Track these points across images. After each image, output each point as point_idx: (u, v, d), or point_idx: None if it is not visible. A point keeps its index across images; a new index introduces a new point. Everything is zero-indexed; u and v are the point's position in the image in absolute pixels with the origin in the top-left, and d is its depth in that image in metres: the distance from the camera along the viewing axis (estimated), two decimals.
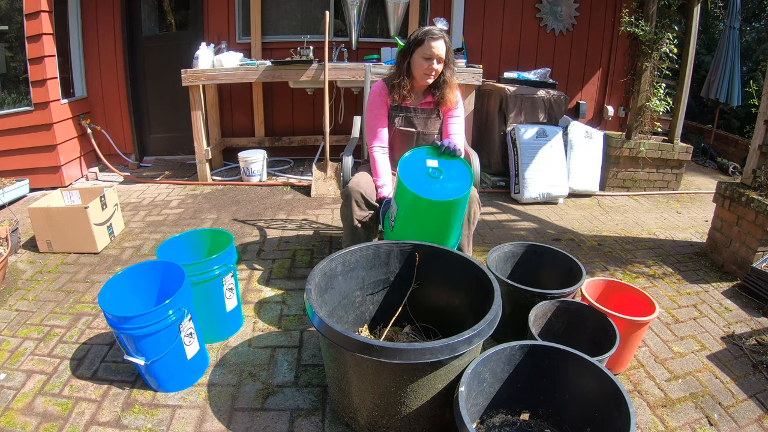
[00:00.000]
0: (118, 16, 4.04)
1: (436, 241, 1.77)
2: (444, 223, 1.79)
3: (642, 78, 3.80)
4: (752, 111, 2.93)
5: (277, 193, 3.69)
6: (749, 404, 1.66)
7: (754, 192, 2.55)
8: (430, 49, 1.93)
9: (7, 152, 3.56)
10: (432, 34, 1.93)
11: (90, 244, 2.60)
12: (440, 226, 1.80)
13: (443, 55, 1.96)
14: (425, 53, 1.94)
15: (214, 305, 1.82)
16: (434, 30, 1.94)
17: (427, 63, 1.96)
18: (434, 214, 1.75)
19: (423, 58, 1.96)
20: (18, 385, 1.64)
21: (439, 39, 1.93)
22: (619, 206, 3.72)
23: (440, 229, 1.81)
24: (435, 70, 1.98)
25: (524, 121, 3.85)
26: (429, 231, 1.79)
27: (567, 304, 1.75)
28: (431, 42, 1.92)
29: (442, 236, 1.82)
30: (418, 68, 1.98)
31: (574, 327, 1.75)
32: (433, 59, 1.95)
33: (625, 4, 4.10)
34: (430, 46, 1.93)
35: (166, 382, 1.60)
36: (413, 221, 1.79)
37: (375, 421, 1.38)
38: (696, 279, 2.55)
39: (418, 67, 1.98)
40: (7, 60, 3.65)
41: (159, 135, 4.54)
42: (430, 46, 1.93)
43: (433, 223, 1.79)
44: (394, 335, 1.75)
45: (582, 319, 1.73)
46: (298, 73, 3.64)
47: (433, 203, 1.70)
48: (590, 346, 1.63)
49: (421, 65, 1.97)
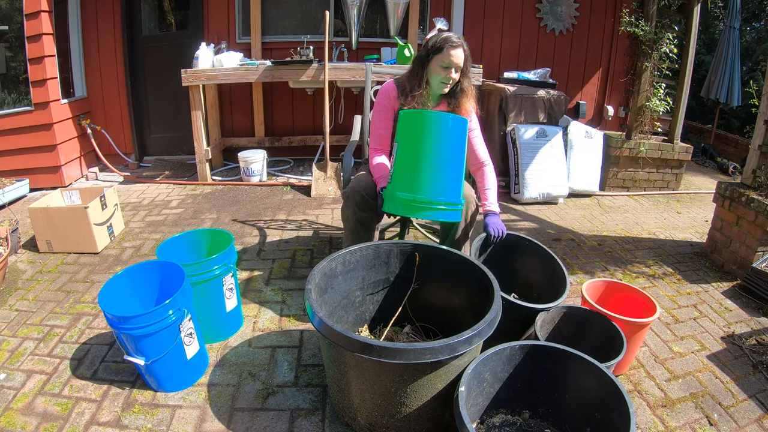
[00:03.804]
0: (118, 16, 4.03)
1: (436, 179, 1.67)
2: (443, 152, 1.69)
3: (642, 78, 3.80)
4: (752, 111, 2.93)
5: (277, 193, 3.69)
6: (749, 404, 1.66)
7: (754, 192, 2.55)
8: (449, 58, 1.85)
9: (7, 152, 3.55)
10: (451, 42, 1.85)
11: (90, 244, 2.60)
12: (439, 155, 1.69)
13: (462, 63, 1.89)
14: (443, 61, 1.87)
15: (214, 305, 1.82)
16: (453, 38, 1.87)
17: (445, 72, 1.88)
18: (433, 135, 1.67)
19: (441, 66, 1.88)
20: (18, 385, 1.64)
21: (459, 47, 1.86)
22: (619, 206, 3.72)
23: (439, 160, 1.70)
24: (453, 79, 1.91)
25: (524, 121, 3.85)
26: (427, 161, 1.68)
27: (573, 310, 1.75)
28: (451, 50, 1.85)
29: (442, 171, 1.71)
30: (435, 76, 1.91)
31: (579, 332, 1.74)
32: (451, 68, 1.88)
33: (625, 4, 4.10)
34: (449, 54, 1.85)
35: (166, 382, 1.60)
36: (410, 151, 1.70)
37: (375, 421, 1.38)
38: (696, 279, 2.55)
39: (436, 75, 1.91)
40: (7, 60, 3.65)
41: (159, 135, 4.54)
42: (449, 55, 1.85)
43: (431, 150, 1.68)
44: (394, 335, 1.75)
45: (588, 325, 1.72)
46: (298, 73, 3.64)
47: (432, 118, 1.65)
48: (595, 351, 1.63)
49: (438, 73, 1.90)
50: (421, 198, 1.67)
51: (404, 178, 1.72)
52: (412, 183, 1.69)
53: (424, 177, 1.69)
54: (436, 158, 1.70)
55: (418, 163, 1.70)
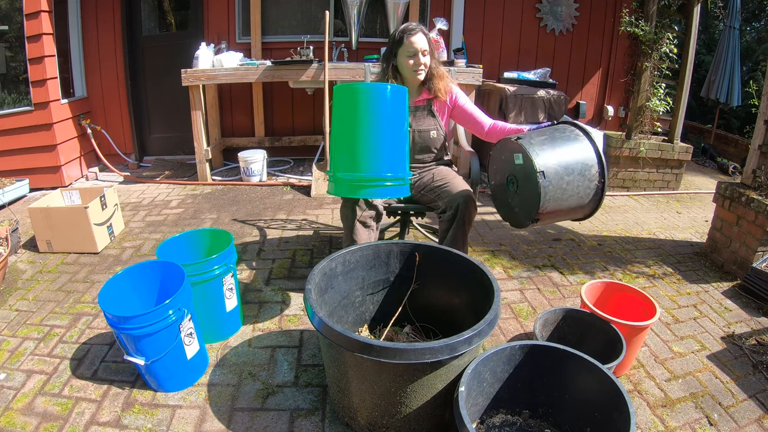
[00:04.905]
0: (119, 16, 4.04)
1: (379, 154, 1.57)
2: (382, 124, 1.60)
3: (642, 78, 3.80)
4: (752, 111, 2.93)
5: (277, 193, 3.69)
6: (749, 404, 1.66)
7: (754, 192, 2.55)
8: (411, 46, 1.92)
9: (7, 152, 3.56)
10: (409, 30, 1.92)
11: (90, 244, 2.60)
12: (379, 128, 1.59)
13: (426, 47, 1.95)
14: (408, 51, 1.94)
15: (214, 305, 1.82)
16: (410, 25, 1.94)
17: (413, 59, 1.95)
18: (369, 108, 1.58)
19: (407, 56, 1.95)
20: (18, 385, 1.64)
21: (417, 32, 1.93)
22: (619, 206, 3.72)
23: (379, 133, 1.60)
24: (423, 64, 1.97)
25: (524, 121, 3.85)
26: (366, 137, 1.58)
27: (574, 313, 1.75)
28: (410, 38, 1.92)
29: (384, 145, 1.61)
30: (406, 68, 1.98)
31: (579, 334, 1.74)
32: (417, 54, 1.94)
33: (625, 4, 4.10)
34: (410, 42, 1.92)
35: (166, 382, 1.60)
36: (347, 128, 1.60)
37: (375, 421, 1.38)
38: (696, 279, 2.55)
39: (406, 67, 1.97)
40: (7, 60, 3.65)
41: (159, 135, 4.54)
42: (411, 42, 1.92)
43: (369, 125, 1.58)
44: (394, 335, 1.75)
45: (587, 328, 1.72)
46: (298, 73, 3.64)
47: (367, 89, 1.57)
48: (595, 353, 1.62)
49: (407, 64, 1.96)
50: (364, 177, 1.59)
51: (343, 157, 1.64)
52: (352, 162, 1.61)
53: (364, 154, 1.60)
54: (375, 132, 1.60)
55: (355, 140, 1.61)
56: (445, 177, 2.04)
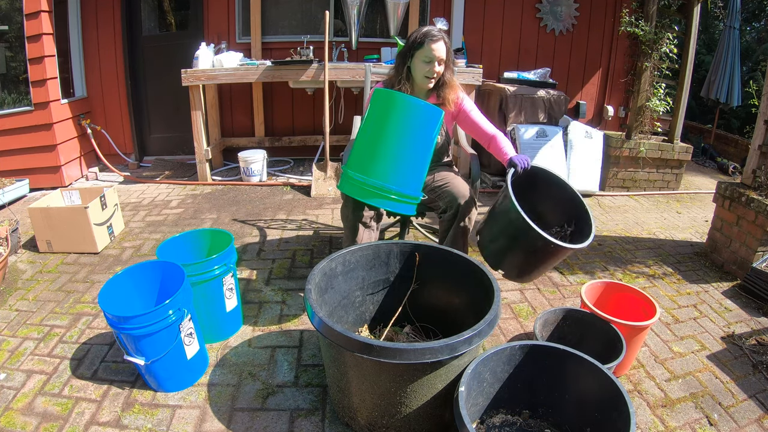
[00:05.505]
0: (118, 16, 4.03)
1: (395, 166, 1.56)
2: (408, 139, 1.59)
3: (642, 78, 3.80)
4: (752, 111, 2.93)
5: (277, 193, 3.69)
6: (749, 404, 1.66)
7: (754, 192, 2.55)
8: (431, 52, 1.87)
9: (7, 152, 3.55)
10: (431, 36, 1.87)
11: (90, 244, 2.60)
12: (404, 142, 1.59)
13: (444, 56, 1.91)
14: (426, 56, 1.89)
15: (214, 305, 1.82)
16: (433, 31, 1.89)
17: (428, 66, 1.90)
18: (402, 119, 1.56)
19: (423, 61, 1.90)
20: (18, 385, 1.64)
21: (439, 40, 1.88)
22: (619, 206, 3.72)
23: (403, 147, 1.59)
24: (437, 72, 1.93)
25: (524, 121, 3.85)
26: (389, 145, 1.57)
27: (574, 313, 1.76)
28: (431, 44, 1.87)
29: (403, 159, 1.59)
30: (419, 71, 1.93)
31: (579, 334, 1.74)
32: (434, 62, 1.89)
33: (625, 4, 4.10)
34: (430, 48, 1.87)
35: (166, 382, 1.60)
36: (374, 131, 1.58)
37: (375, 421, 1.38)
38: (696, 279, 2.55)
39: (419, 71, 1.93)
40: (7, 60, 3.65)
41: (159, 135, 4.54)
42: (431, 49, 1.87)
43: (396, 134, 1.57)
44: (394, 335, 1.75)
45: (587, 328, 1.72)
46: (298, 73, 3.64)
47: (406, 100, 1.57)
48: (595, 353, 1.62)
49: (422, 68, 1.92)
50: (372, 182, 1.57)
51: (361, 157, 1.62)
52: (367, 165, 1.59)
53: (381, 161, 1.58)
54: (399, 144, 1.59)
55: (378, 145, 1.59)
56: (445, 177, 2.04)
